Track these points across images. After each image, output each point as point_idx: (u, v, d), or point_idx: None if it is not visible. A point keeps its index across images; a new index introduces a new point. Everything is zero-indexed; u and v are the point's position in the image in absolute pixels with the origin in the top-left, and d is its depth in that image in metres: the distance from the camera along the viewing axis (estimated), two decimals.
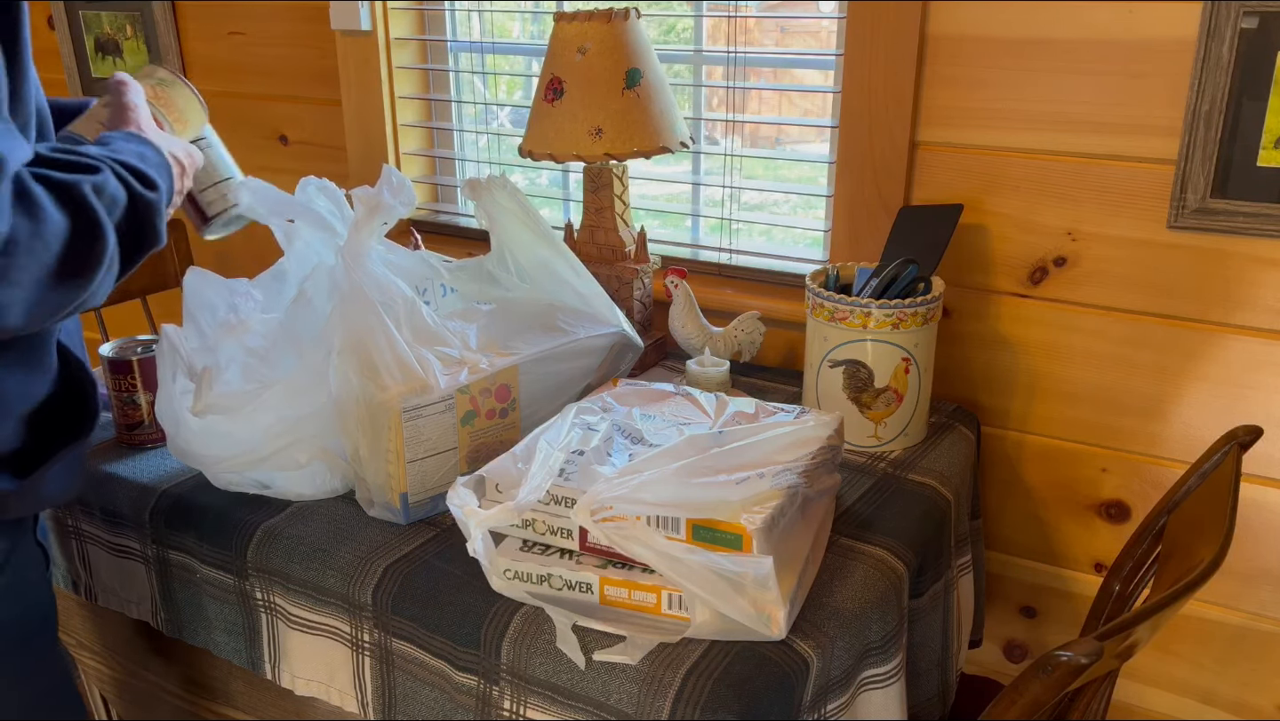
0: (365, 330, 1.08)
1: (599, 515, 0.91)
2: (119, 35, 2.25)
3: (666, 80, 1.47)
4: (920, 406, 1.33)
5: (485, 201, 1.29)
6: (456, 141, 2.02)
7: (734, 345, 1.52)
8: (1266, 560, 1.41)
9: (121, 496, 1.23)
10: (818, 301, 1.31)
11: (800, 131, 1.83)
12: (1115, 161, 1.36)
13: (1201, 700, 1.51)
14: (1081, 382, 1.46)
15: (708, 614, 0.92)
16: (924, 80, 1.45)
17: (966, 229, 1.47)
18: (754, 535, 0.90)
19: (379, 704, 1.09)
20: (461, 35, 1.96)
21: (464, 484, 0.97)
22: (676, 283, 1.50)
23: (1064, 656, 0.76)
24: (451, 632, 1.00)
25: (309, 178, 1.29)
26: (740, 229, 1.73)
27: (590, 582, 0.97)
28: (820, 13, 1.68)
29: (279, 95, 2.10)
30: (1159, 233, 1.36)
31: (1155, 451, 1.44)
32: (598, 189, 1.53)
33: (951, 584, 1.29)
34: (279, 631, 1.14)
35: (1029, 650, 1.64)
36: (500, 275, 1.32)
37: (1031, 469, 1.54)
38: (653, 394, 1.18)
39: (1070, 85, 1.36)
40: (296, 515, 1.16)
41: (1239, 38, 1.23)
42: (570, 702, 0.93)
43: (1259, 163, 1.26)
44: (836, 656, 0.98)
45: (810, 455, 1.02)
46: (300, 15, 1.99)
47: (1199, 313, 1.37)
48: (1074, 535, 1.54)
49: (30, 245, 0.76)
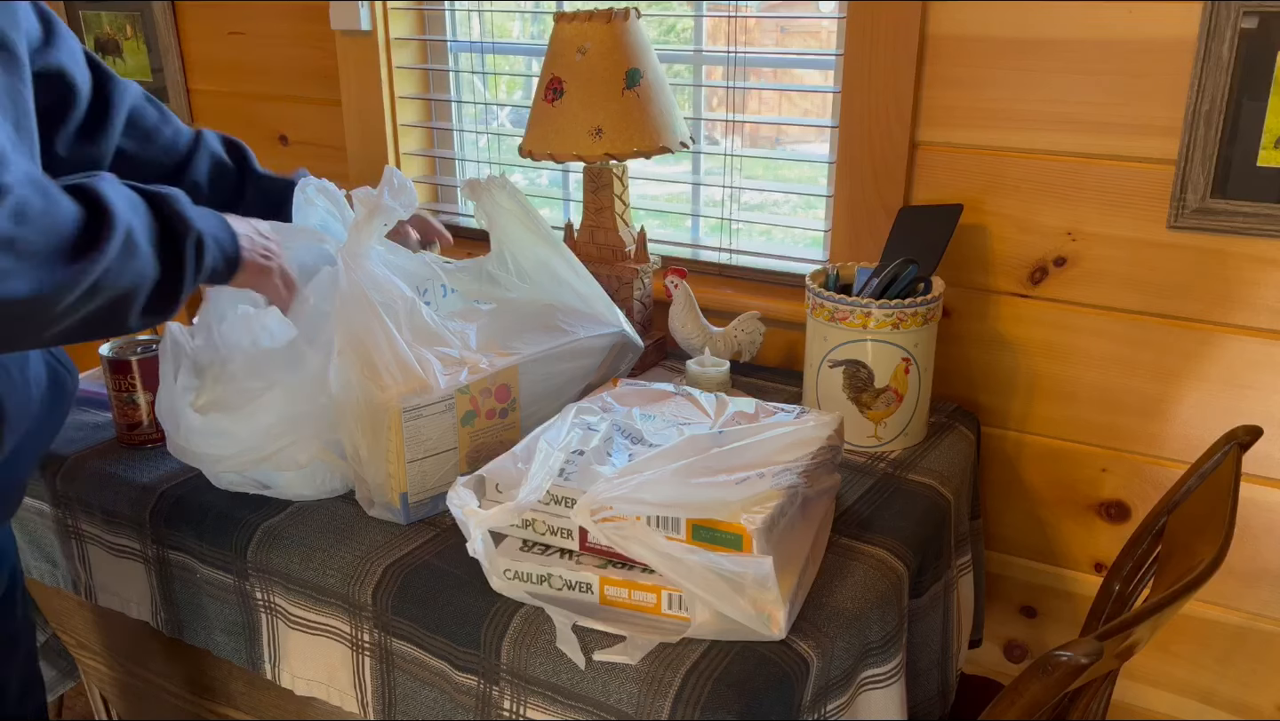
0: (365, 330, 1.08)
1: (599, 515, 0.91)
2: (119, 35, 2.25)
3: (666, 80, 1.47)
4: (920, 406, 1.33)
5: (485, 202, 1.29)
6: (456, 141, 2.02)
7: (734, 345, 1.52)
8: (1266, 560, 1.41)
9: (121, 496, 1.23)
10: (818, 301, 1.31)
11: (800, 131, 1.83)
12: (1115, 161, 1.36)
13: (1201, 700, 1.51)
14: (1081, 382, 1.46)
15: (708, 614, 0.92)
16: (924, 80, 1.45)
17: (966, 229, 1.47)
18: (754, 535, 0.90)
19: (379, 704, 1.09)
20: (461, 35, 1.96)
21: (464, 484, 0.97)
22: (676, 283, 1.50)
23: (1064, 656, 0.76)
24: (451, 632, 1.00)
25: (309, 178, 1.30)
26: (740, 229, 1.73)
27: (590, 582, 0.97)
28: (820, 13, 1.68)
29: (279, 95, 2.10)
30: (1159, 233, 1.36)
31: (1155, 451, 1.44)
32: (598, 189, 1.53)
33: (951, 584, 1.29)
34: (279, 631, 1.14)
35: (1029, 650, 1.64)
36: (500, 275, 1.32)
37: (1031, 469, 1.54)
38: (653, 394, 1.18)
39: (1070, 85, 1.36)
40: (296, 515, 1.16)
41: (1239, 37, 1.23)
42: (570, 702, 0.93)
43: (1259, 163, 1.26)
44: (836, 656, 0.98)
45: (810, 455, 1.02)
46: (300, 15, 1.99)
47: (1199, 313, 1.37)
48: (1074, 535, 1.54)
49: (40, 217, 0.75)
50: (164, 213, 0.89)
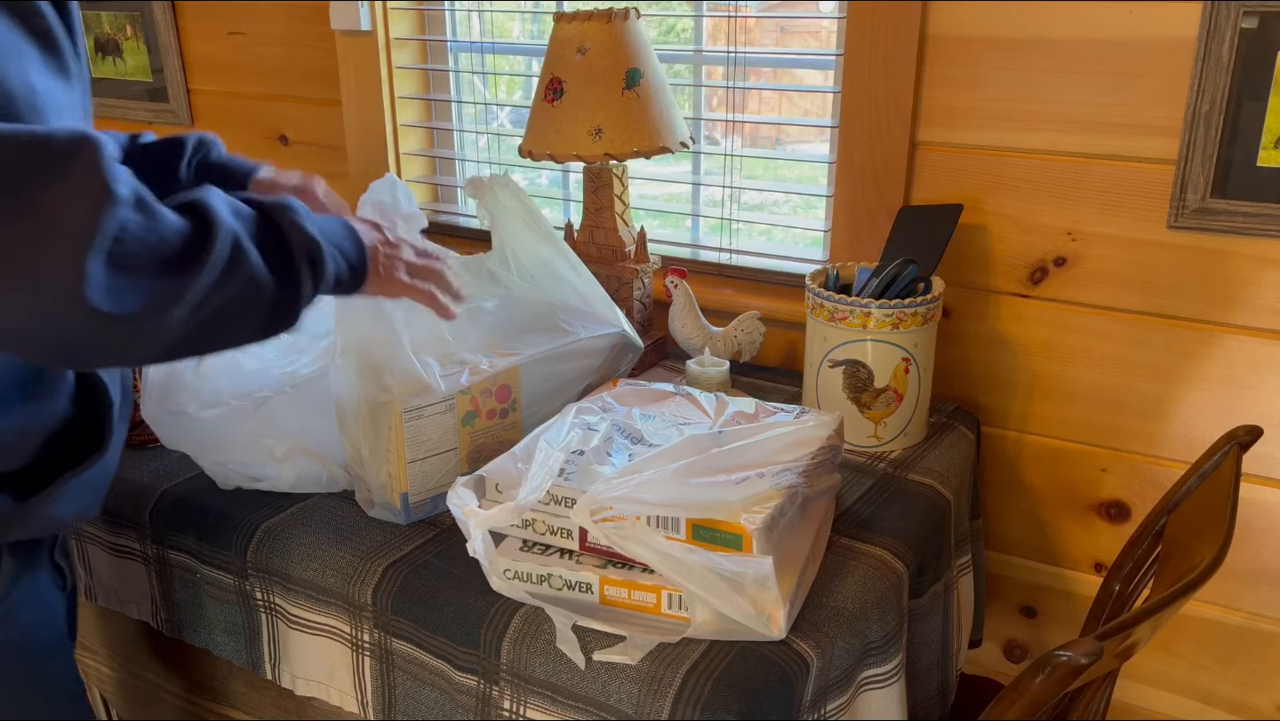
0: (366, 331, 1.08)
1: (599, 515, 0.91)
2: (119, 35, 2.25)
3: (666, 80, 1.47)
4: (920, 406, 1.33)
5: (487, 200, 1.29)
6: (456, 141, 2.02)
7: (734, 345, 1.52)
8: (1266, 560, 1.41)
9: (121, 496, 1.23)
10: (818, 301, 1.31)
11: (800, 131, 1.83)
12: (1115, 161, 1.36)
13: (1201, 700, 1.51)
14: (1081, 382, 1.46)
15: (708, 614, 0.92)
16: (924, 80, 1.45)
17: (966, 229, 1.47)
18: (754, 535, 0.90)
19: (379, 704, 1.09)
20: (461, 35, 1.96)
21: (464, 484, 0.97)
22: (676, 283, 1.50)
23: (1064, 656, 0.76)
24: (451, 632, 1.00)
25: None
26: (740, 229, 1.73)
27: (590, 582, 0.97)
28: (820, 13, 1.67)
29: (279, 95, 2.10)
30: (1159, 233, 1.36)
31: (1155, 451, 1.44)
32: (598, 189, 1.53)
33: (951, 584, 1.29)
34: (279, 631, 1.14)
35: (1029, 650, 1.64)
36: (501, 274, 1.32)
37: (1031, 469, 1.54)
38: (653, 394, 1.18)
39: (1070, 85, 1.36)
40: (296, 515, 1.16)
41: (1239, 37, 1.23)
42: (570, 702, 0.93)
43: (1259, 163, 1.26)
44: (836, 656, 0.97)
45: (810, 455, 1.02)
46: (300, 15, 1.99)
47: (1199, 313, 1.37)
48: (1074, 535, 1.54)
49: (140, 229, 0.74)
50: (276, 222, 0.86)
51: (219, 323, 0.81)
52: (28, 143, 0.70)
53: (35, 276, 0.70)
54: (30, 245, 0.69)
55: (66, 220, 0.70)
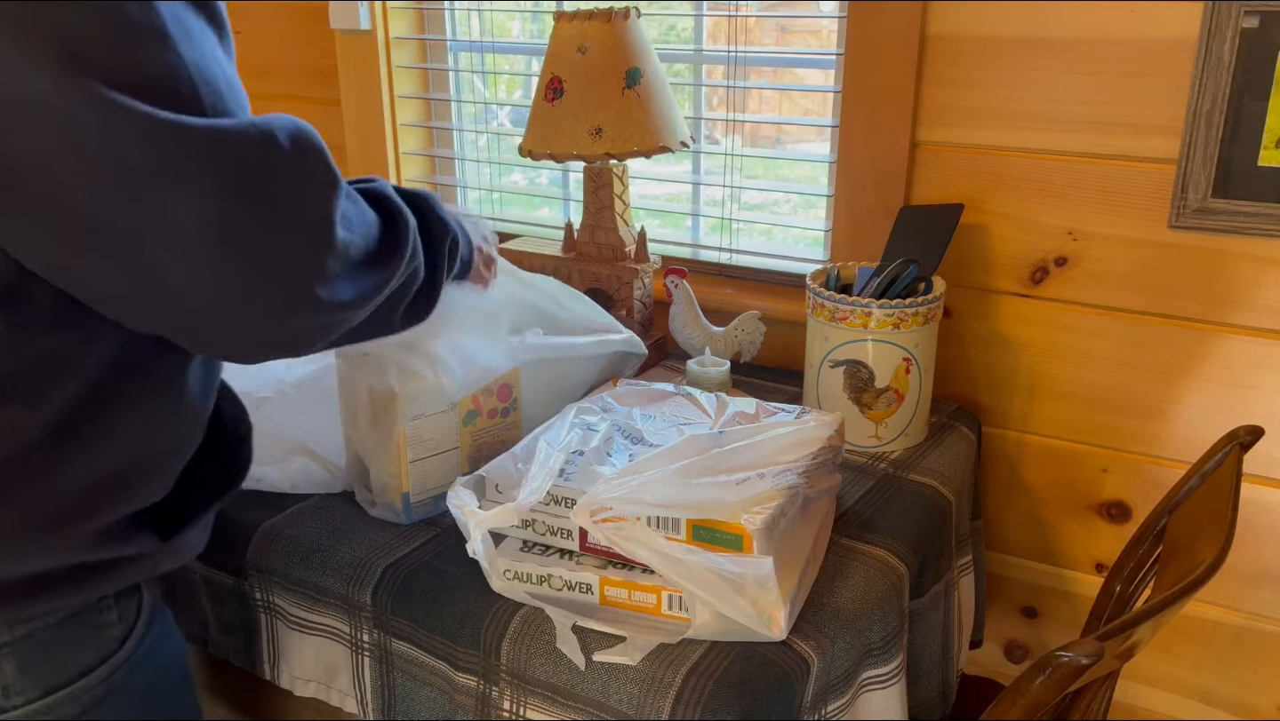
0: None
1: (599, 516, 0.91)
2: None
3: (666, 80, 1.47)
4: (921, 406, 1.33)
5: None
6: (456, 141, 2.02)
7: (734, 345, 1.51)
8: (1267, 560, 1.41)
9: None
10: (818, 301, 1.31)
11: (800, 131, 1.83)
12: (1116, 161, 1.36)
13: (1202, 700, 1.51)
14: (1082, 382, 1.46)
15: (708, 614, 0.92)
16: (924, 80, 1.45)
17: (967, 229, 1.47)
18: (754, 535, 0.90)
19: (378, 704, 1.08)
20: (461, 34, 1.96)
21: (464, 484, 0.97)
22: (677, 282, 1.50)
23: (1065, 657, 0.76)
24: (451, 633, 1.00)
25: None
26: (741, 229, 1.73)
27: (590, 583, 0.97)
28: (820, 12, 1.67)
29: (278, 95, 2.09)
30: (1160, 232, 1.36)
31: (1156, 451, 1.44)
32: (598, 188, 1.53)
33: (952, 584, 1.29)
34: (278, 631, 1.14)
35: (1030, 650, 1.64)
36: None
37: (1032, 469, 1.54)
38: (653, 394, 1.18)
39: (1070, 85, 1.36)
40: (296, 515, 1.16)
41: (1240, 37, 1.23)
42: (570, 703, 0.93)
43: (1260, 162, 1.26)
44: (837, 657, 0.97)
45: (811, 455, 1.02)
46: (299, 14, 1.99)
47: (1200, 313, 1.36)
48: (1075, 535, 1.54)
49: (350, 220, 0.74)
50: (427, 214, 0.88)
51: (383, 314, 0.82)
52: (264, 137, 0.69)
53: (280, 266, 0.69)
54: (276, 236, 0.68)
55: (309, 212, 0.70)
